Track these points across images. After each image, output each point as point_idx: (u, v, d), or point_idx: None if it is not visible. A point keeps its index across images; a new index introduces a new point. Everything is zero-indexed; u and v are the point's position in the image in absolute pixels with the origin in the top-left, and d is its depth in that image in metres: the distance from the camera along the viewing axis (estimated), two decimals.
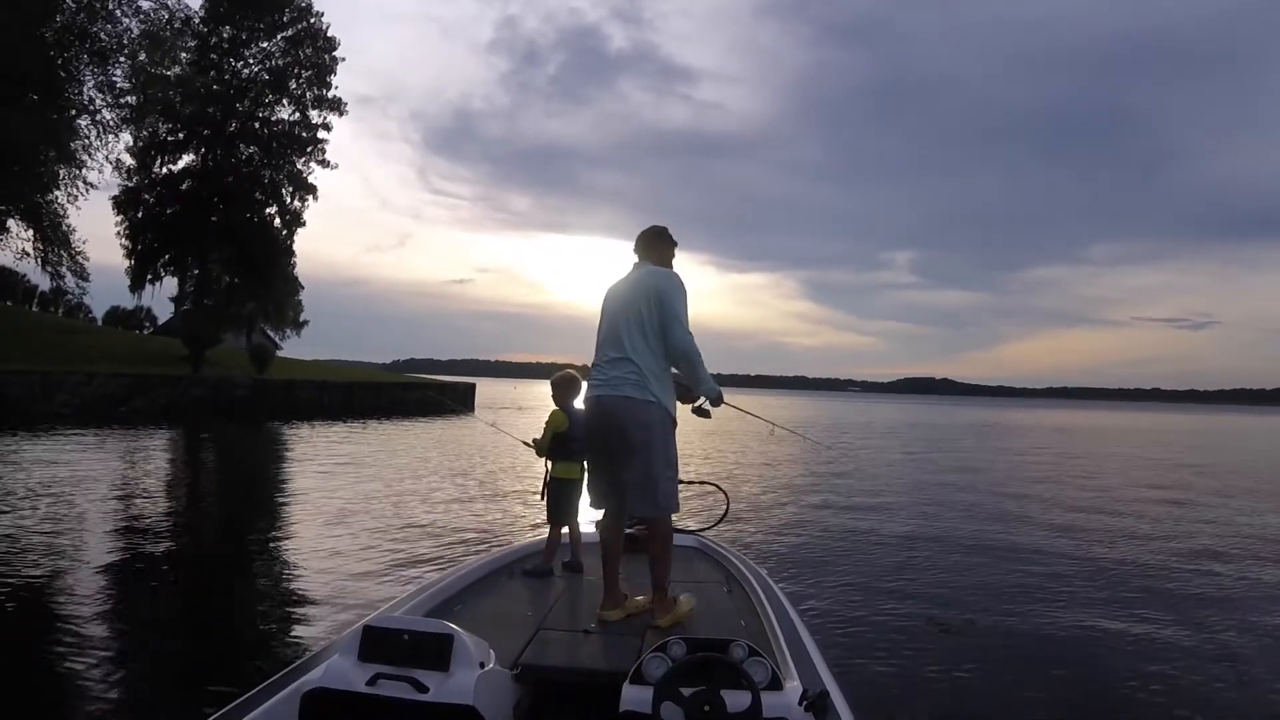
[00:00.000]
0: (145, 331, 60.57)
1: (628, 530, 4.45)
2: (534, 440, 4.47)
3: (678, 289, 3.48)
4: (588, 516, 4.51)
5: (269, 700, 2.24)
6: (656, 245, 3.75)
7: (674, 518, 3.65)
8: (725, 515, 5.39)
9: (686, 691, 2.18)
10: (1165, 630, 5.64)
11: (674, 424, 3.51)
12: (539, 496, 4.39)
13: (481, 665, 2.28)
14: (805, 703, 2.22)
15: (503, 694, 2.41)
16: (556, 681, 2.79)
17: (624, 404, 3.36)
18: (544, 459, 4.40)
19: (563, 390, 4.40)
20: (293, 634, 5.48)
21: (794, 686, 2.32)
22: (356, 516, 9.59)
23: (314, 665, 2.39)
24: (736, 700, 2.16)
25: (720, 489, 5.60)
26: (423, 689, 2.16)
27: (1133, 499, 13.67)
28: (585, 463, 3.92)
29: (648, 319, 3.41)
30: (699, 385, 3.60)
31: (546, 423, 4.34)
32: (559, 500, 4.30)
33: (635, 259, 3.76)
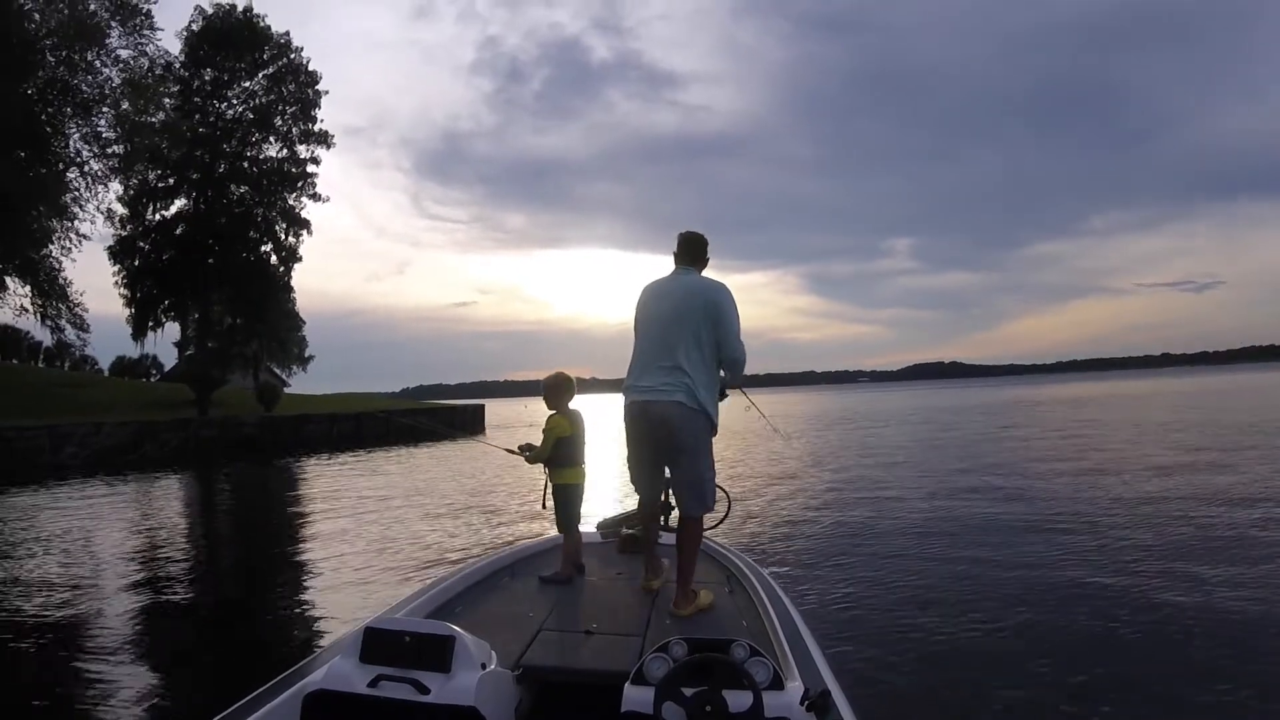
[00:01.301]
0: (152, 379, 60.79)
1: (627, 531, 4.51)
2: (519, 447, 4.38)
3: (732, 303, 3.69)
4: (588, 517, 4.50)
5: (271, 702, 2.25)
6: (702, 253, 3.90)
7: (673, 519, 4.01)
8: (727, 515, 5.35)
9: (688, 692, 2.17)
10: (1173, 626, 5.48)
11: (715, 430, 3.72)
12: (541, 506, 4.29)
13: (483, 666, 2.29)
14: (807, 702, 2.20)
15: (504, 695, 2.41)
16: (558, 682, 2.77)
17: (676, 409, 3.54)
18: (543, 467, 4.28)
19: (557, 393, 4.27)
20: (294, 636, 5.52)
21: (795, 686, 2.30)
22: (359, 534, 9.67)
23: (315, 667, 2.40)
24: (738, 700, 2.14)
25: (722, 489, 5.52)
26: (424, 690, 2.16)
27: (1143, 477, 13.58)
28: (623, 463, 4.04)
29: (705, 333, 3.59)
30: (735, 382, 3.95)
31: (548, 429, 4.21)
32: (566, 505, 4.21)
33: (675, 262, 3.90)
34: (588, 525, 4.53)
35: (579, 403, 4.39)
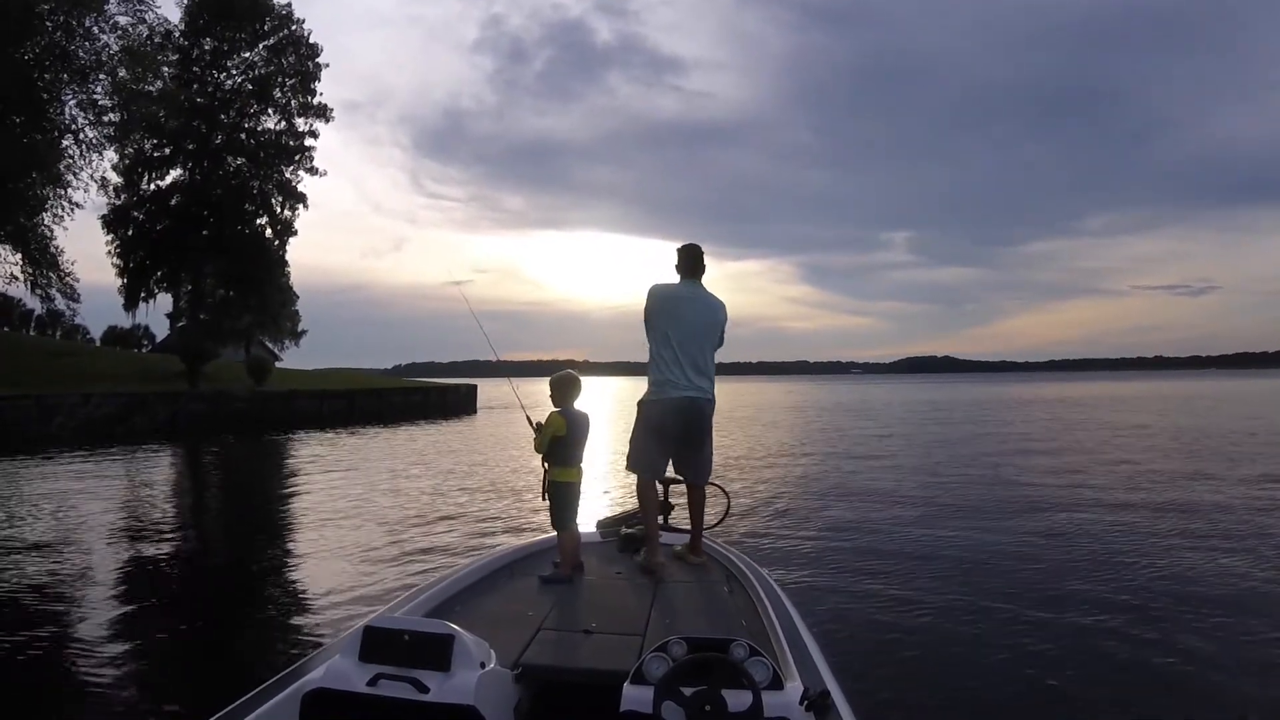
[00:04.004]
0: (143, 350, 60.47)
1: (627, 531, 4.72)
2: (536, 424, 4.29)
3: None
4: (587, 516, 4.50)
5: (270, 701, 2.25)
6: (701, 263, 4.61)
7: (672, 519, 4.88)
8: (726, 515, 5.36)
9: (687, 691, 2.16)
10: (1174, 624, 5.53)
11: None
12: (541, 498, 4.27)
13: (482, 665, 2.28)
14: (806, 702, 2.20)
15: (503, 694, 2.40)
16: (557, 681, 2.75)
17: (708, 406, 4.49)
18: (542, 463, 4.25)
19: (562, 391, 4.25)
20: (293, 635, 5.49)
21: (795, 686, 2.30)
22: (355, 521, 9.61)
23: (314, 666, 2.41)
24: (737, 700, 2.13)
25: (721, 488, 5.52)
26: (423, 689, 2.16)
27: (1139, 478, 13.63)
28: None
29: (717, 342, 4.57)
30: None
31: (545, 426, 4.18)
32: (561, 503, 4.18)
33: (681, 273, 4.58)
34: (587, 525, 4.52)
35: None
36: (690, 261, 4.59)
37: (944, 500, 11.12)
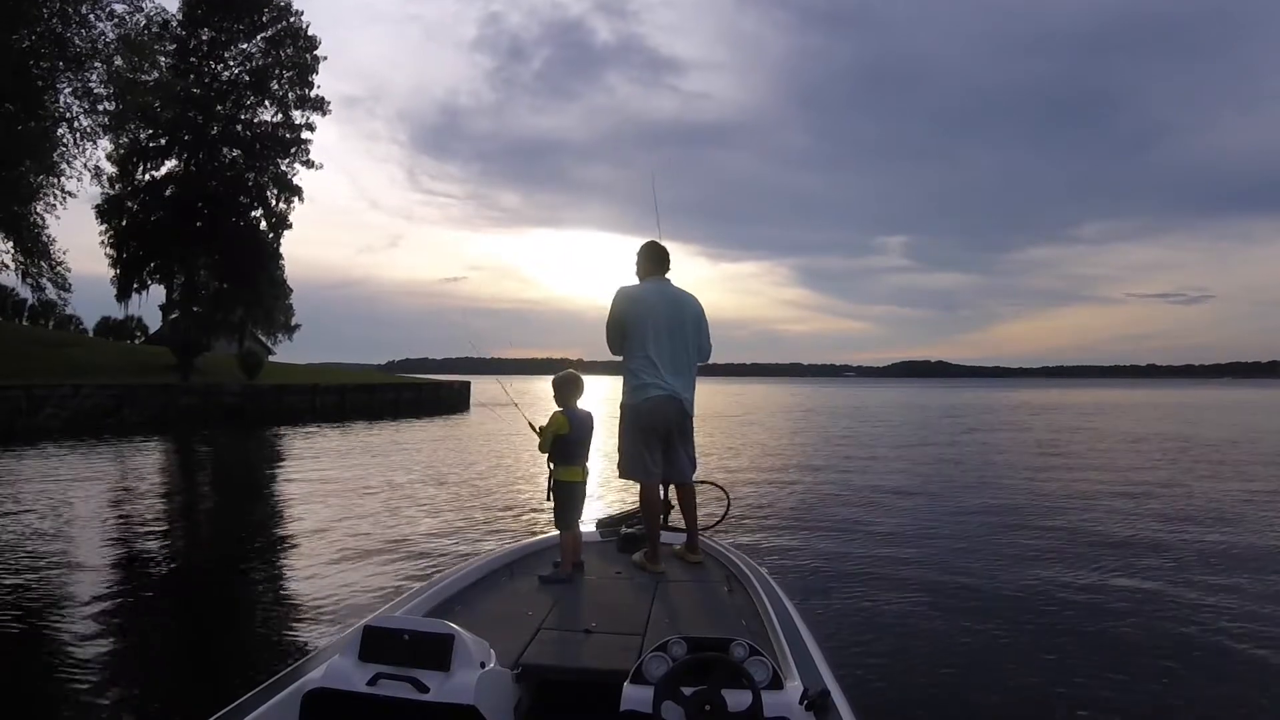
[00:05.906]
0: (136, 341, 60.12)
1: (627, 530, 4.70)
2: (540, 428, 4.23)
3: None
4: (588, 516, 4.48)
5: (270, 700, 2.24)
6: (667, 260, 4.51)
7: (672, 519, 4.68)
8: (726, 514, 5.35)
9: (687, 691, 2.16)
10: (1175, 625, 5.54)
11: None
12: (546, 498, 4.24)
13: (482, 665, 2.28)
14: (806, 702, 2.20)
15: (503, 694, 2.39)
16: (557, 681, 2.74)
17: (685, 406, 4.41)
18: (548, 462, 4.20)
19: (565, 390, 4.21)
20: (293, 634, 5.45)
21: (795, 686, 2.29)
22: (351, 519, 9.55)
23: (314, 665, 2.40)
24: (737, 699, 2.13)
25: (721, 488, 5.54)
26: (423, 689, 2.16)
27: (1138, 483, 13.66)
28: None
29: (695, 343, 4.45)
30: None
31: (546, 425, 4.15)
32: (565, 502, 4.14)
33: (649, 270, 4.48)
34: (588, 524, 4.51)
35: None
36: (654, 258, 4.49)
37: (943, 502, 11.14)
